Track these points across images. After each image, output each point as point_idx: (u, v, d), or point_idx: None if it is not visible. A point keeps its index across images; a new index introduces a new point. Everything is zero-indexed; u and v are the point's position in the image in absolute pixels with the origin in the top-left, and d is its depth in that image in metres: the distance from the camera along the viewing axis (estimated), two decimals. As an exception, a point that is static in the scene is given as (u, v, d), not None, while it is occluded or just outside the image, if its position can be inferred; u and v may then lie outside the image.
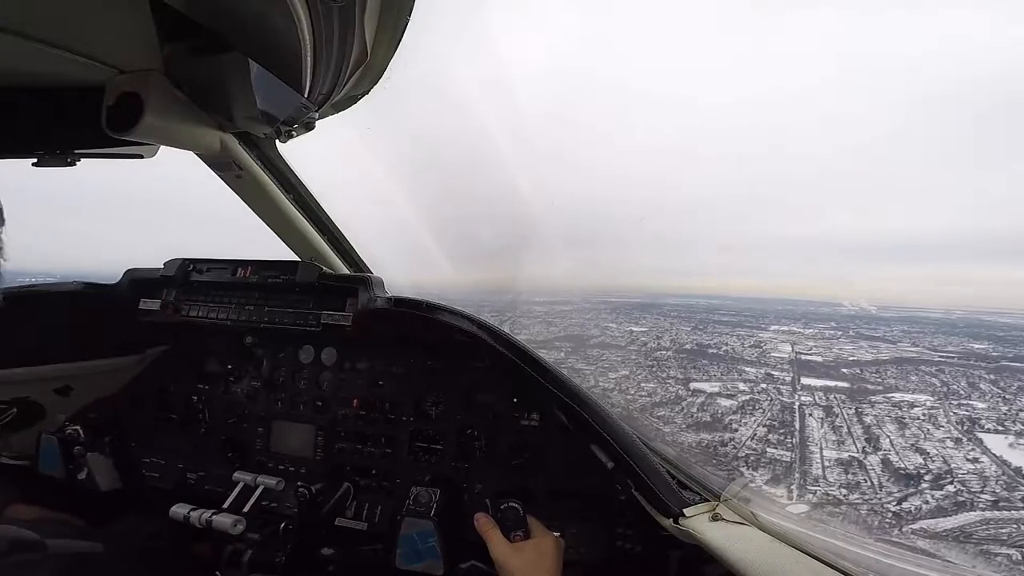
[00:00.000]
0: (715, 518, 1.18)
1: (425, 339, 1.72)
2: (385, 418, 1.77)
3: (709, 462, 1.43)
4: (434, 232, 2.60)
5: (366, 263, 1.99)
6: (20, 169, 1.28)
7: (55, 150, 1.23)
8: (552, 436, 1.62)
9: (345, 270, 1.95)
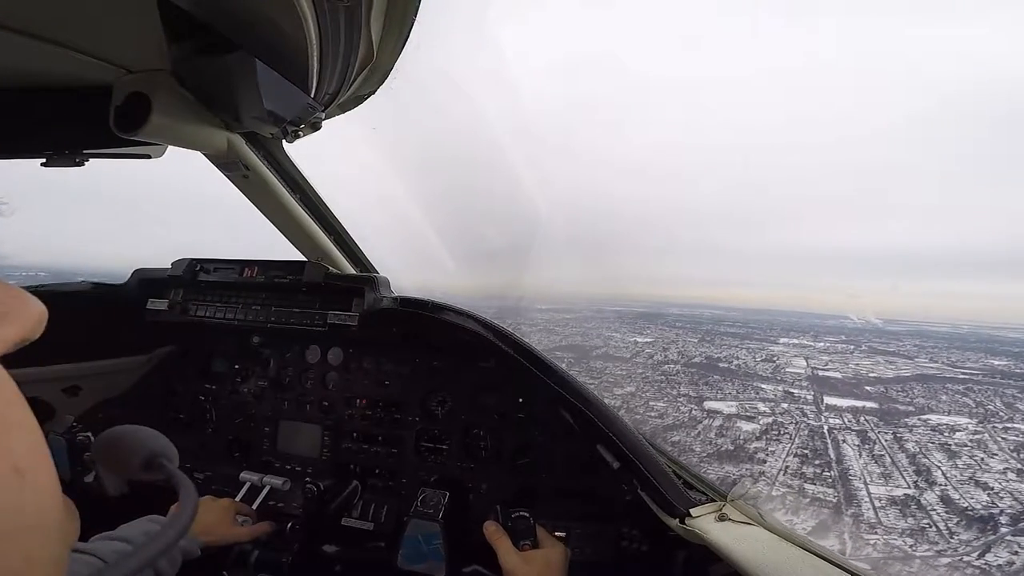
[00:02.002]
0: (722, 518, 1.16)
1: (430, 339, 1.71)
2: (391, 418, 1.77)
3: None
4: (439, 232, 2.60)
5: (372, 263, 1.99)
6: (27, 169, 1.28)
7: (64, 150, 1.24)
8: (557, 436, 1.61)
9: (351, 270, 1.96)
